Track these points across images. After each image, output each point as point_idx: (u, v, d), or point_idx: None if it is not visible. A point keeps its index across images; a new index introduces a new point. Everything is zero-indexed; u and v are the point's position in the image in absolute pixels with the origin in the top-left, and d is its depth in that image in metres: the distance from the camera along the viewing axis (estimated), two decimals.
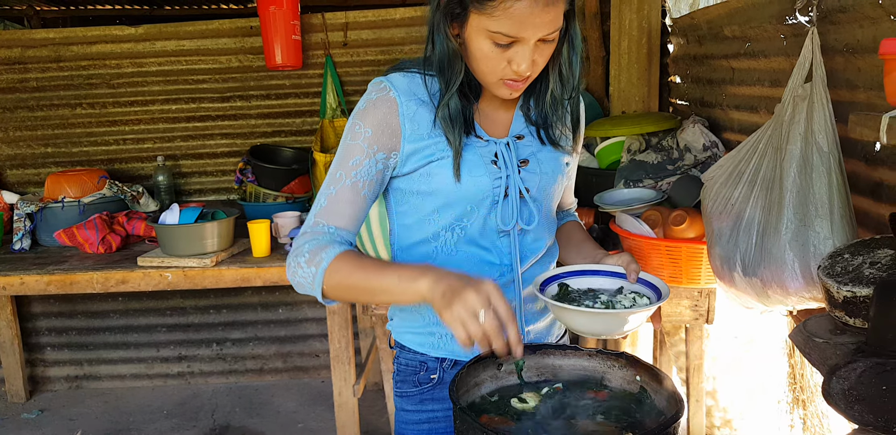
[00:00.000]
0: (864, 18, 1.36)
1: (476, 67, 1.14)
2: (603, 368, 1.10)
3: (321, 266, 1.10)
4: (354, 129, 1.19)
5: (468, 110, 1.20)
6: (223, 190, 3.61)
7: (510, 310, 0.97)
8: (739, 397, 2.67)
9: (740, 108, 2.19)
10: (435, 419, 1.30)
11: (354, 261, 1.10)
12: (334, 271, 1.09)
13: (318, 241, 1.14)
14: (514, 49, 1.09)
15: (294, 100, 3.46)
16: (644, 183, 2.42)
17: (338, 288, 1.11)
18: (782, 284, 1.45)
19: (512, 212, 1.23)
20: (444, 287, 0.99)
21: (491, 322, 0.95)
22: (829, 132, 1.39)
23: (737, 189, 1.52)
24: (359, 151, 1.18)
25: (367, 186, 1.18)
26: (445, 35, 1.12)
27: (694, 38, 2.59)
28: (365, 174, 1.18)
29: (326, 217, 1.17)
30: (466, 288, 0.96)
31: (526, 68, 1.10)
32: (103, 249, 2.78)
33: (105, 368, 3.76)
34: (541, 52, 1.11)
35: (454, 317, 0.96)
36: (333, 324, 2.69)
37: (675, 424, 0.89)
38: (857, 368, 1.06)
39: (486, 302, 0.95)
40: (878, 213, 1.46)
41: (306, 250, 1.13)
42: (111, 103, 3.47)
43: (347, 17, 3.32)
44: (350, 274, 1.09)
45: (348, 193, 1.17)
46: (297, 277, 1.14)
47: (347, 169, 1.18)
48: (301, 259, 1.13)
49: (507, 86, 1.14)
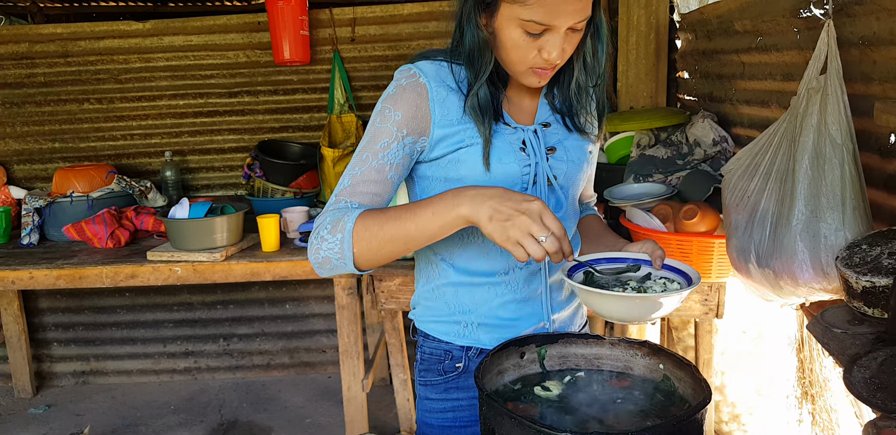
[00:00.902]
0: (881, 10, 1.36)
1: (506, 57, 1.15)
2: (626, 356, 1.10)
3: (347, 228, 1.07)
4: (385, 112, 1.18)
5: (497, 98, 1.21)
6: (231, 185, 3.61)
7: (562, 226, 0.99)
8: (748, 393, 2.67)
9: (751, 102, 2.20)
10: (459, 408, 1.31)
11: (380, 214, 1.08)
12: (362, 229, 1.06)
13: (338, 211, 1.12)
14: (545, 38, 1.10)
15: (302, 95, 3.47)
16: (654, 178, 2.42)
17: (370, 247, 1.07)
18: (793, 275, 1.46)
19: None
20: (489, 210, 0.98)
21: (552, 243, 0.96)
22: (842, 124, 1.39)
23: (753, 181, 1.53)
24: (387, 134, 1.17)
25: (393, 169, 1.17)
26: (476, 25, 1.13)
27: (703, 33, 2.59)
28: (392, 157, 1.17)
29: (349, 195, 1.16)
30: (517, 211, 0.97)
31: (556, 56, 1.10)
32: (112, 243, 2.78)
33: (112, 363, 3.77)
34: (570, 41, 1.12)
35: (511, 240, 0.97)
36: (342, 319, 2.70)
37: (702, 411, 0.89)
38: (878, 357, 1.06)
39: (540, 224, 0.96)
40: (893, 206, 1.47)
41: (328, 222, 1.10)
42: (119, 99, 3.48)
43: (355, 12, 3.33)
44: (381, 227, 1.06)
45: (374, 174, 1.16)
46: (321, 253, 1.10)
47: (375, 151, 1.17)
48: (323, 232, 1.10)
49: (536, 74, 1.15)
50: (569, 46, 1.13)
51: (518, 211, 0.97)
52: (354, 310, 2.70)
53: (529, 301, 1.27)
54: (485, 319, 1.28)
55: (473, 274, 1.26)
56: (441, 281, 1.29)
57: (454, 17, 1.17)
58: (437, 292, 1.31)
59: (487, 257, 1.25)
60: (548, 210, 0.98)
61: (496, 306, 1.27)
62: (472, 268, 1.26)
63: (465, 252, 1.26)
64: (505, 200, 0.98)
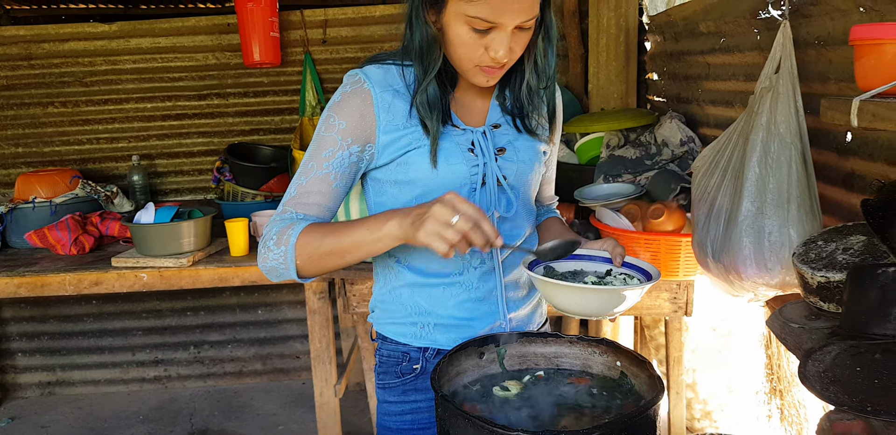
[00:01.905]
0: (834, 11, 1.38)
1: (453, 54, 1.15)
2: (584, 354, 1.10)
3: (290, 242, 1.11)
4: (329, 120, 1.19)
5: (445, 99, 1.21)
6: (200, 189, 3.57)
7: (478, 208, 1.00)
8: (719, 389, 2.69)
9: (716, 103, 2.22)
10: (418, 410, 1.30)
11: (321, 228, 1.12)
12: (305, 244, 1.11)
13: (283, 222, 1.16)
14: (491, 35, 1.10)
15: (272, 97, 3.44)
16: (623, 178, 2.43)
17: (311, 259, 1.12)
18: (738, 269, 1.50)
19: (490, 199, 1.24)
20: (411, 218, 1.02)
21: (464, 223, 0.98)
22: (791, 123, 1.42)
23: (713, 178, 1.55)
24: (332, 143, 1.18)
25: (339, 178, 1.19)
26: (424, 21, 1.13)
27: (670, 35, 2.61)
28: (337, 166, 1.18)
29: (295, 206, 1.18)
30: (429, 206, 1.00)
31: (503, 55, 1.10)
32: (76, 250, 2.73)
33: (78, 373, 3.70)
34: (517, 40, 1.12)
35: (428, 233, 0.99)
36: (314, 323, 2.67)
37: (654, 407, 0.89)
38: (831, 351, 1.07)
39: (452, 210, 0.98)
40: (850, 203, 1.48)
41: (274, 233, 1.15)
42: (84, 102, 3.42)
43: (327, 14, 3.31)
44: (321, 242, 1.10)
45: (319, 184, 1.18)
46: (268, 262, 1.15)
47: (320, 160, 1.18)
48: (269, 242, 1.14)
49: (485, 72, 1.15)
50: (517, 46, 1.13)
51: (429, 205, 1.00)
52: (326, 314, 2.67)
53: (485, 300, 1.27)
54: (441, 319, 1.27)
55: (429, 275, 1.26)
56: (397, 283, 1.30)
57: (405, 16, 1.17)
58: (393, 294, 1.31)
59: (440, 260, 1.25)
60: (459, 197, 1.00)
61: (452, 306, 1.27)
62: (427, 269, 1.26)
63: (419, 253, 1.26)
64: (423, 205, 1.02)
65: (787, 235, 1.41)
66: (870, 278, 1.05)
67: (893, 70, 0.88)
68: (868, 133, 1.36)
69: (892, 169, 1.29)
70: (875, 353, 1.00)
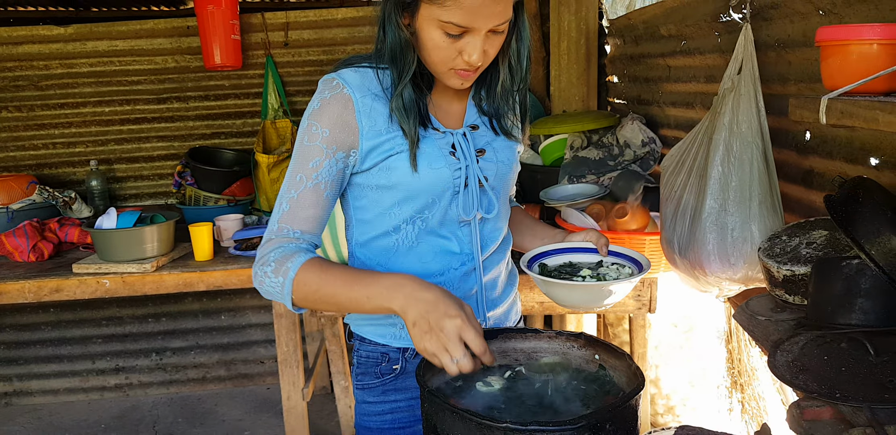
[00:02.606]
0: (794, 14, 1.43)
1: (427, 57, 1.15)
2: (563, 348, 1.12)
3: (288, 277, 1.10)
4: (311, 130, 1.17)
5: (422, 102, 1.21)
6: (160, 194, 3.51)
7: (482, 342, 0.98)
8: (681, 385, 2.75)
9: (676, 104, 2.27)
10: (398, 409, 1.30)
11: (321, 272, 1.10)
12: (302, 284, 1.10)
13: (284, 249, 1.13)
14: (465, 39, 1.10)
15: (234, 101, 3.41)
16: (587, 178, 2.48)
17: (307, 301, 1.11)
18: (702, 265, 1.55)
19: (472, 201, 1.24)
20: (415, 315, 1.00)
21: (466, 363, 0.96)
22: (752, 122, 1.47)
23: (679, 177, 1.59)
24: (318, 153, 1.16)
25: (328, 187, 1.17)
26: (397, 25, 1.12)
27: (631, 38, 2.67)
28: (326, 175, 1.16)
29: (290, 222, 1.16)
30: (437, 327, 0.97)
31: (477, 58, 1.11)
32: (34, 256, 2.66)
33: (37, 382, 3.60)
34: (491, 43, 1.13)
35: (427, 351, 0.98)
36: (281, 327, 2.65)
37: (636, 398, 0.92)
38: (799, 341, 1.12)
39: (456, 343, 0.96)
40: (810, 199, 1.54)
41: (272, 259, 1.12)
42: (39, 106, 3.34)
43: (288, 16, 3.29)
44: (317, 288, 1.09)
45: (311, 196, 1.16)
46: (265, 286, 1.14)
47: (308, 171, 1.16)
48: (268, 268, 1.12)
49: (459, 75, 1.15)
50: (491, 49, 1.13)
51: (438, 327, 0.97)
52: (293, 318, 2.66)
53: (464, 300, 1.27)
54: None
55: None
56: None
57: (378, 20, 1.17)
58: None
59: (422, 262, 1.26)
60: (469, 327, 0.97)
61: None
62: (408, 270, 1.26)
63: (398, 258, 1.26)
64: (432, 311, 0.99)
65: (750, 231, 1.46)
66: (834, 271, 1.10)
67: (858, 69, 0.93)
68: (826, 132, 1.42)
69: (849, 166, 1.34)
70: (841, 342, 1.05)
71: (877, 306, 1.08)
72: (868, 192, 1.09)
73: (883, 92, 0.95)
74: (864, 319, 1.09)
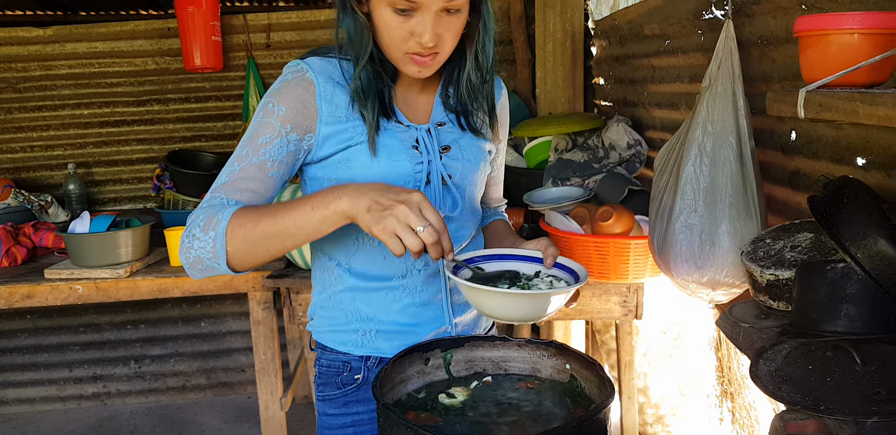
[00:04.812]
0: (776, 9, 1.39)
1: (382, 41, 1.11)
2: (533, 357, 1.06)
3: (220, 226, 1.01)
4: (267, 106, 1.12)
5: (386, 92, 1.17)
6: (139, 198, 3.45)
7: (441, 219, 0.96)
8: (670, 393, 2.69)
9: (661, 105, 2.22)
10: (360, 422, 1.24)
11: (257, 209, 1.03)
12: (237, 226, 1.01)
13: (211, 207, 1.05)
14: (416, 18, 1.06)
15: (215, 103, 3.35)
16: (571, 181, 2.42)
17: (245, 245, 1.01)
18: (670, 266, 1.51)
19: (435, 198, 1.20)
20: (367, 202, 0.95)
21: (429, 234, 0.93)
22: (727, 121, 1.42)
23: (663, 178, 1.55)
24: (270, 130, 1.11)
25: (275, 166, 1.11)
26: (352, 9, 1.10)
27: (616, 39, 2.62)
28: (275, 154, 1.11)
29: (227, 192, 1.08)
30: (396, 201, 0.94)
31: (429, 39, 1.06)
32: (7, 262, 2.59)
33: (12, 391, 3.52)
34: (445, 26, 1.08)
35: (387, 230, 0.93)
36: (258, 335, 2.58)
37: (604, 411, 0.86)
38: (782, 350, 1.05)
39: (419, 215, 0.93)
40: (796, 201, 1.49)
41: (201, 219, 1.04)
42: (17, 108, 3.29)
43: (270, 18, 3.24)
44: (256, 224, 1.00)
45: (254, 170, 1.09)
46: (192, 252, 1.03)
47: (256, 147, 1.10)
48: (195, 230, 1.03)
49: (414, 61, 1.11)
50: (447, 33, 1.09)
51: (397, 201, 0.94)
52: (271, 325, 2.59)
53: (430, 305, 1.23)
54: (384, 325, 1.22)
55: (371, 278, 1.21)
56: (337, 288, 1.24)
57: (336, 6, 1.14)
58: (333, 300, 1.25)
59: (385, 260, 1.20)
60: (427, 202, 0.95)
61: (395, 311, 1.22)
62: (369, 272, 1.21)
63: (361, 255, 1.21)
64: (385, 192, 0.96)
65: (717, 234, 1.42)
66: (818, 275, 1.04)
67: (838, 61, 0.87)
68: (812, 132, 1.36)
69: (836, 167, 1.29)
70: (826, 350, 0.98)
71: (863, 312, 1.02)
72: (853, 192, 1.04)
73: (864, 84, 0.90)
74: (850, 326, 1.03)
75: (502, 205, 1.52)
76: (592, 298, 2.21)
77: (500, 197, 1.51)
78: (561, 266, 1.14)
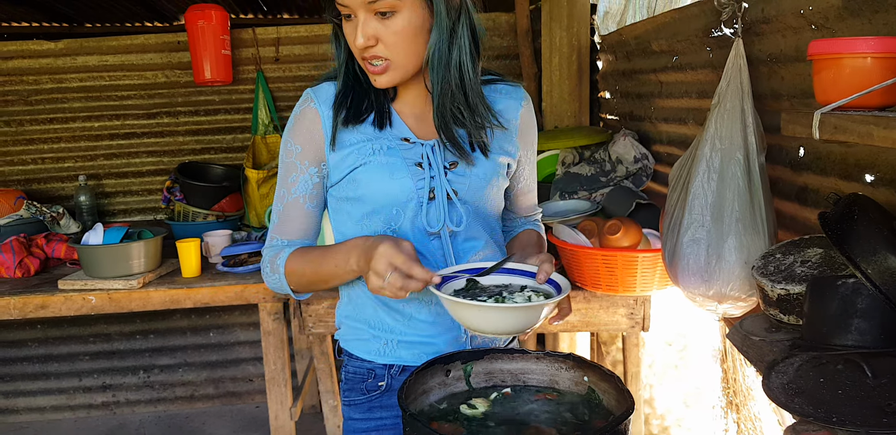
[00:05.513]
0: (786, 28, 1.42)
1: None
2: (551, 370, 1.09)
3: (280, 271, 1.23)
4: (287, 146, 1.24)
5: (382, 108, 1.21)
6: (149, 210, 3.48)
7: (408, 255, 1.06)
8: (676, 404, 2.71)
9: (669, 120, 2.26)
10: (383, 427, 1.29)
11: (303, 256, 1.21)
12: (291, 272, 1.22)
13: (273, 249, 1.26)
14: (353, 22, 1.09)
15: (224, 116, 3.39)
16: (579, 195, 2.46)
17: (301, 285, 1.24)
18: (678, 280, 1.54)
19: (439, 214, 1.22)
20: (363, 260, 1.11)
21: (395, 279, 1.05)
22: (735, 137, 1.45)
23: (675, 192, 1.58)
24: (294, 169, 1.23)
25: (308, 200, 1.25)
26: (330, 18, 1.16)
27: (622, 53, 2.66)
28: (303, 189, 1.24)
29: (280, 232, 1.27)
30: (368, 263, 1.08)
31: (361, 43, 1.07)
32: (21, 272, 2.62)
33: (23, 400, 3.54)
34: (385, 30, 1.08)
35: (373, 287, 1.08)
36: (269, 345, 2.61)
37: (625, 422, 0.88)
38: (794, 363, 1.08)
39: (386, 265, 1.05)
40: (804, 217, 1.51)
41: (267, 261, 1.26)
42: (28, 121, 3.32)
43: (279, 32, 3.29)
44: (303, 271, 1.21)
45: (293, 209, 1.25)
46: (271, 284, 1.27)
47: (288, 186, 1.25)
48: (266, 269, 1.26)
49: (367, 68, 1.14)
50: (390, 37, 1.08)
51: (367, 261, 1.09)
52: (281, 335, 2.62)
53: (445, 316, 1.25)
54: (405, 336, 1.27)
55: None
56: (361, 300, 1.29)
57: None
58: (357, 311, 1.30)
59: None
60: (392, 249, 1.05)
61: (414, 323, 1.26)
62: None
63: None
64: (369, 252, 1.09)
65: (724, 248, 1.44)
66: (830, 290, 1.07)
67: (851, 84, 0.90)
68: (821, 148, 1.40)
69: (844, 183, 1.32)
70: (837, 363, 1.01)
71: (874, 327, 1.05)
72: (863, 209, 1.07)
73: (877, 106, 0.93)
74: (860, 340, 1.05)
75: (535, 213, 1.50)
76: (600, 311, 2.24)
77: (532, 205, 1.48)
78: (552, 282, 1.16)
